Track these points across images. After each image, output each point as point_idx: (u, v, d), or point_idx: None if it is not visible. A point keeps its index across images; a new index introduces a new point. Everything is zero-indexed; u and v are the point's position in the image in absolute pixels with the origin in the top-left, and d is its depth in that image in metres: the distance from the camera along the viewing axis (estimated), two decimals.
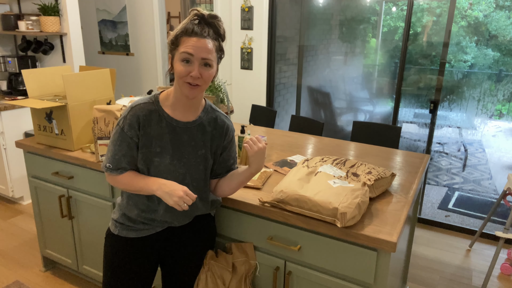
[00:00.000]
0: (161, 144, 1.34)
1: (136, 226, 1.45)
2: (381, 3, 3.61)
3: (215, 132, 1.43)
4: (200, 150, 1.40)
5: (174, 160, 1.36)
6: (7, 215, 3.33)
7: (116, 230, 1.46)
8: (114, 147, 1.34)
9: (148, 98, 1.36)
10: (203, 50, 1.23)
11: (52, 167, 2.24)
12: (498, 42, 3.06)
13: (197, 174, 1.41)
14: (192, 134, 1.38)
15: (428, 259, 2.79)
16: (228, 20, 3.89)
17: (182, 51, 1.23)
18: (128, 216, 1.44)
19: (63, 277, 2.54)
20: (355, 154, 2.19)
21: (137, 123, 1.32)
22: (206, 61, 1.25)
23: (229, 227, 1.69)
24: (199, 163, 1.41)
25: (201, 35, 1.23)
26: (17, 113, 3.34)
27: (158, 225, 1.46)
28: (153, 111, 1.34)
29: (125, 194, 1.45)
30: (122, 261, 1.46)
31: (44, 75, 2.26)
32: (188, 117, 1.38)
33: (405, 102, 3.39)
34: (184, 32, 1.24)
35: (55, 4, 3.50)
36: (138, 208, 1.42)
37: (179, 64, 1.25)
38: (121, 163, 1.34)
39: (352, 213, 1.35)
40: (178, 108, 1.36)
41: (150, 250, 1.49)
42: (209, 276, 1.62)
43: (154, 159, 1.34)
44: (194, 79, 1.25)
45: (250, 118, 3.50)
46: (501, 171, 3.72)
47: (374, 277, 1.41)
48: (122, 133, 1.33)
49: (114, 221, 1.48)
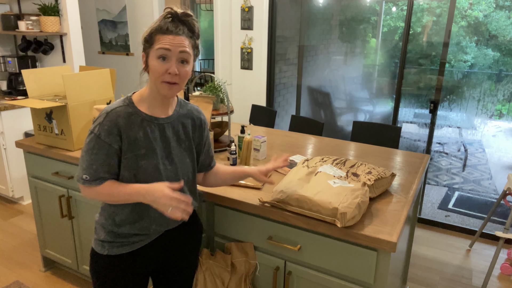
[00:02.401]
0: (146, 145, 1.29)
1: (130, 240, 1.35)
2: (381, 3, 3.61)
3: (193, 123, 1.43)
4: (184, 143, 1.39)
5: (162, 159, 1.32)
6: (7, 215, 3.33)
7: (104, 250, 1.34)
8: (90, 157, 1.24)
9: (121, 101, 1.30)
10: (180, 45, 1.21)
11: (52, 167, 2.24)
12: (498, 42, 3.06)
13: (186, 167, 1.40)
14: (174, 128, 1.36)
15: (428, 259, 2.79)
16: (228, 20, 3.89)
17: (158, 47, 1.20)
18: (118, 233, 1.34)
19: (63, 277, 2.54)
20: (355, 154, 2.19)
21: (116, 128, 1.24)
22: (184, 57, 1.23)
23: (229, 227, 1.69)
24: (186, 156, 1.39)
25: (176, 33, 1.21)
26: (17, 113, 3.34)
27: (154, 233, 1.38)
28: (131, 113, 1.28)
29: (106, 212, 1.34)
30: (116, 279, 1.36)
31: (44, 75, 2.26)
32: (167, 112, 1.35)
33: (405, 102, 3.39)
34: (158, 30, 1.22)
35: (55, 4, 3.50)
36: (128, 221, 1.32)
37: (156, 62, 1.21)
38: (99, 173, 1.25)
39: (352, 213, 1.35)
40: (156, 106, 1.32)
41: (145, 262, 1.40)
42: (208, 276, 1.62)
43: (141, 162, 1.28)
44: (172, 77, 1.22)
45: (250, 118, 3.50)
46: (501, 171, 3.72)
47: (374, 277, 1.41)
48: (98, 141, 1.23)
49: (99, 241, 1.35)
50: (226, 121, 2.35)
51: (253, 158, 2.09)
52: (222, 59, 4.05)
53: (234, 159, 1.97)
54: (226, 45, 3.98)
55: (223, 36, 3.97)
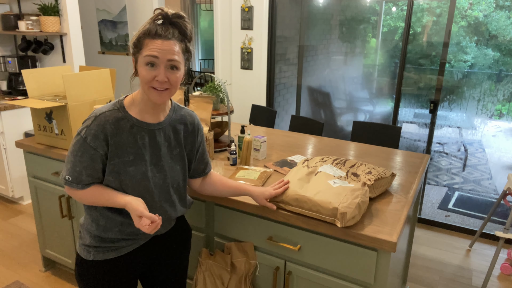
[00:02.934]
0: (134, 151, 1.24)
1: (116, 244, 1.31)
2: (381, 3, 3.61)
3: (186, 129, 1.38)
4: (175, 150, 1.34)
5: (151, 165, 1.28)
6: (7, 215, 3.33)
7: (90, 256, 1.30)
8: (75, 158, 1.21)
9: (111, 105, 1.25)
10: (169, 52, 1.15)
11: (52, 167, 2.24)
12: (498, 42, 3.06)
13: (176, 175, 1.35)
14: (165, 134, 1.31)
15: (428, 259, 2.79)
16: (228, 20, 3.89)
17: (146, 54, 1.15)
18: (104, 238, 1.29)
19: (63, 277, 2.54)
20: (355, 154, 2.19)
21: (103, 134, 1.19)
22: (173, 64, 1.17)
23: (229, 227, 1.69)
24: (176, 163, 1.35)
25: (165, 37, 1.15)
26: (17, 113, 3.34)
27: (141, 238, 1.35)
28: (120, 118, 1.22)
29: (93, 215, 1.30)
30: (103, 285, 1.32)
31: (44, 75, 2.26)
32: (159, 118, 1.30)
33: (405, 102, 3.39)
34: (147, 34, 1.15)
35: (55, 4, 3.50)
36: (116, 226, 1.29)
37: (144, 68, 1.16)
38: (82, 176, 1.21)
39: (352, 213, 1.35)
40: (147, 111, 1.27)
41: (132, 267, 1.36)
42: (207, 276, 1.62)
43: (128, 168, 1.23)
44: (161, 84, 1.17)
45: (250, 118, 3.50)
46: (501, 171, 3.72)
47: (374, 277, 1.41)
48: (84, 144, 1.19)
49: (85, 246, 1.31)
50: (226, 121, 2.35)
51: (253, 158, 2.09)
52: (222, 59, 4.05)
53: (234, 159, 1.97)
54: (226, 45, 3.98)
55: (223, 36, 3.97)
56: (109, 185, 1.25)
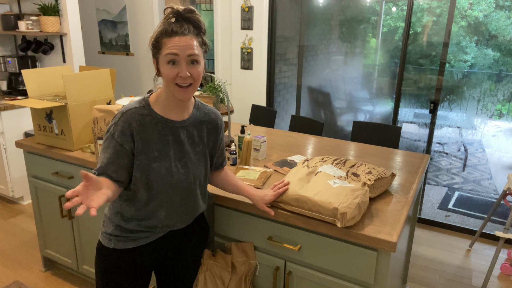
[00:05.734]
0: (159, 148, 1.29)
1: (135, 235, 1.37)
2: (381, 3, 3.61)
3: (210, 126, 1.42)
4: (198, 147, 1.38)
5: (175, 161, 1.32)
6: (7, 215, 3.33)
7: (111, 243, 1.37)
8: (104, 155, 1.26)
9: (137, 102, 1.30)
10: (188, 47, 1.19)
11: (52, 167, 2.24)
12: (498, 42, 3.06)
13: (198, 171, 1.39)
14: (189, 132, 1.36)
15: (428, 259, 2.79)
16: (228, 20, 3.89)
17: (166, 53, 1.19)
18: (124, 228, 1.36)
19: (63, 277, 2.54)
20: (355, 154, 2.19)
21: (129, 130, 1.24)
22: (193, 58, 1.21)
23: (229, 227, 1.69)
24: (199, 160, 1.39)
25: (182, 33, 1.18)
26: (17, 113, 3.34)
27: (160, 231, 1.41)
28: (146, 115, 1.28)
29: (115, 208, 1.36)
30: (120, 273, 1.39)
31: (44, 75, 2.26)
32: (183, 116, 1.34)
33: (405, 102, 3.39)
34: (163, 34, 1.19)
35: (55, 4, 3.50)
36: (136, 218, 1.34)
37: (166, 67, 1.20)
38: (107, 171, 1.24)
39: (352, 213, 1.35)
40: (171, 109, 1.31)
41: (149, 258, 1.43)
42: (208, 276, 1.62)
43: (153, 164, 1.28)
44: (184, 79, 1.20)
45: (250, 118, 3.50)
46: (501, 171, 3.72)
47: (374, 277, 1.41)
48: (112, 140, 1.25)
49: (107, 234, 1.38)
50: (226, 121, 2.35)
51: (253, 158, 2.09)
52: (222, 59, 4.05)
53: (234, 159, 1.97)
54: (226, 45, 3.98)
55: (223, 36, 3.97)
56: (136, 183, 1.29)
